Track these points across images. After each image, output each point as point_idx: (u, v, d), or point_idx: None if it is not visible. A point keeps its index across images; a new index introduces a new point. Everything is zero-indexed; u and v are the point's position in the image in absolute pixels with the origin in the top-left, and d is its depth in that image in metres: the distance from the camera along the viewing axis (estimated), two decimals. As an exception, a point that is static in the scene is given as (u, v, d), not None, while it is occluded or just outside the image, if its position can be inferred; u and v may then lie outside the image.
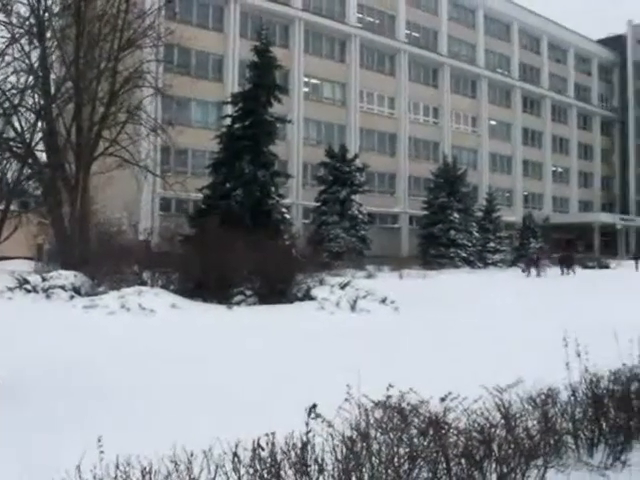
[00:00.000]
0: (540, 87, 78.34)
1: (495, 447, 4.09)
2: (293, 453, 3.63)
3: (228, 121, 32.99)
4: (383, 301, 19.00)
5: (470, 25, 71.10)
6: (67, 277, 19.84)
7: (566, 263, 44.95)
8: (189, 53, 46.29)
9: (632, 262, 52.69)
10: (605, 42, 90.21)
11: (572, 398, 5.33)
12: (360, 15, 60.88)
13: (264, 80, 32.09)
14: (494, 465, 4.07)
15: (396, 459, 3.83)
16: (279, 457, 3.59)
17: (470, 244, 54.38)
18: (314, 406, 3.77)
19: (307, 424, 3.69)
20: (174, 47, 35.44)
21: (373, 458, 3.78)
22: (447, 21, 68.07)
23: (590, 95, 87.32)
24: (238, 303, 19.14)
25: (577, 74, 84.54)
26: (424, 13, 66.25)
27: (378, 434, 3.95)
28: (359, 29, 59.94)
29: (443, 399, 4.42)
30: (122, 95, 28.81)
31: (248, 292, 19.99)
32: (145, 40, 29.50)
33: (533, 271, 43.67)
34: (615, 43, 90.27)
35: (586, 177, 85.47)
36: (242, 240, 19.86)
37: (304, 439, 3.65)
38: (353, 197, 47.64)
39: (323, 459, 3.65)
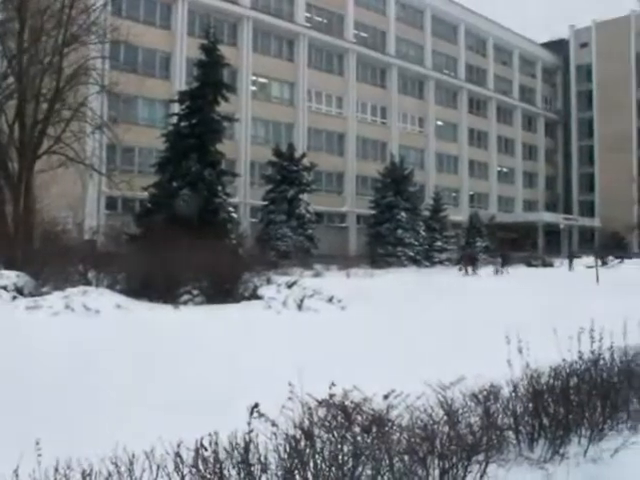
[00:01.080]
0: (486, 88, 79.47)
1: (438, 443, 4.13)
2: (236, 453, 3.62)
3: (175, 119, 32.76)
4: (330, 300, 19.04)
5: (418, 26, 71.75)
6: (9, 277, 19.38)
7: (502, 262, 45.93)
8: (136, 50, 45.71)
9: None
10: (549, 45, 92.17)
11: (513, 394, 5.42)
12: (308, 14, 60.98)
13: (211, 78, 31.99)
14: (437, 461, 4.11)
15: (340, 457, 3.84)
16: (222, 457, 3.58)
17: (417, 243, 54.80)
18: (256, 405, 3.76)
19: (249, 423, 3.69)
20: (121, 44, 34.85)
21: (317, 456, 3.79)
22: (395, 22, 68.56)
23: (534, 97, 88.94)
24: (185, 303, 18.98)
25: (522, 76, 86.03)
26: (372, 13, 66.63)
27: (322, 432, 3.95)
28: (307, 28, 60.01)
29: (386, 396, 4.44)
30: (67, 92, 28.23)
31: (195, 292, 19.84)
32: (90, 36, 29.00)
33: (470, 269, 44.38)
34: (558, 47, 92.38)
35: (531, 177, 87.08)
36: (189, 239, 19.71)
37: (247, 438, 3.64)
38: (301, 196, 47.64)
39: (267, 458, 3.65)
